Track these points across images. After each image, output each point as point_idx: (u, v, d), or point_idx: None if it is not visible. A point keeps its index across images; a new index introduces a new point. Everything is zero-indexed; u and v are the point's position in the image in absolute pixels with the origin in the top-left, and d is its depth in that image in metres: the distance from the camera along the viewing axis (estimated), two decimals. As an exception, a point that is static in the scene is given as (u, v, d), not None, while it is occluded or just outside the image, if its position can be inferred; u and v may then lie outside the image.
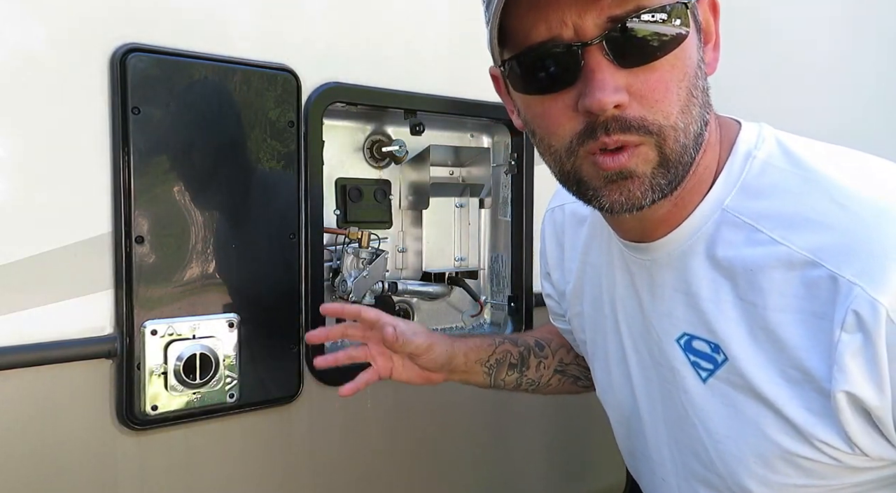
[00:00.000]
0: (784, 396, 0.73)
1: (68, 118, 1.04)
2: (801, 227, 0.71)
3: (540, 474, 1.63)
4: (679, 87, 0.70)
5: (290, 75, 1.21)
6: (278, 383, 1.24)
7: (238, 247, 1.18)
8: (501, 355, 1.12)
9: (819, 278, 0.69)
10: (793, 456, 0.74)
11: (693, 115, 0.71)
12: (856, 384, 0.67)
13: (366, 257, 1.36)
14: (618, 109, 0.68)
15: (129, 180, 1.07)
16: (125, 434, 1.10)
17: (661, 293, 0.84)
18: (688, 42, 0.70)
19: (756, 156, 0.77)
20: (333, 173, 1.38)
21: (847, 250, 0.68)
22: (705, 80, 0.74)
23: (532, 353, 1.15)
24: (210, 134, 1.14)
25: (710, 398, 0.80)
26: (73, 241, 1.04)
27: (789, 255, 0.71)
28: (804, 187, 0.73)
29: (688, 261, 0.80)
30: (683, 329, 0.82)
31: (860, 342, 0.67)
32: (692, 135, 0.72)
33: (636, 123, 0.69)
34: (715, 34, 0.76)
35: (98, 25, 1.05)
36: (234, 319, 1.17)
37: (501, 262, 1.60)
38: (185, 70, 1.11)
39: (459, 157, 1.58)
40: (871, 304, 0.65)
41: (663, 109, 0.69)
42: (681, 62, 0.70)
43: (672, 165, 0.71)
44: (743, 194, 0.76)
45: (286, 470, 1.26)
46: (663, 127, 0.70)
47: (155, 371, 1.10)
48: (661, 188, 0.72)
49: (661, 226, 0.81)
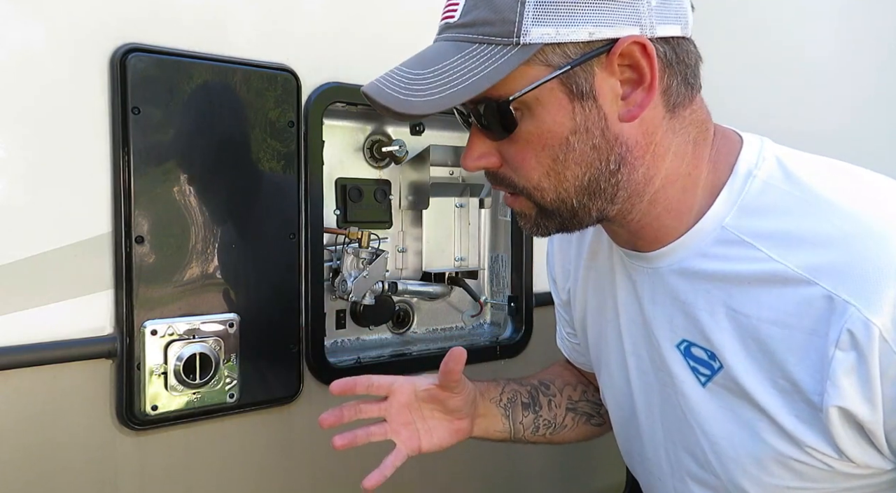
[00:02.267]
0: (775, 404, 0.76)
1: (68, 118, 1.04)
2: (798, 247, 0.74)
3: (540, 473, 1.63)
4: (539, 156, 0.76)
5: (290, 75, 1.21)
6: (278, 383, 1.24)
7: (238, 247, 1.18)
8: (511, 394, 1.11)
9: (813, 295, 0.72)
10: (785, 459, 0.77)
11: (565, 175, 0.77)
12: (849, 400, 0.70)
13: (366, 257, 1.36)
14: (490, 168, 0.80)
15: (129, 180, 1.07)
16: (125, 434, 1.10)
17: (662, 301, 0.86)
18: (543, 118, 0.74)
19: (756, 175, 0.79)
20: (333, 173, 1.38)
21: (843, 271, 0.71)
22: (602, 135, 0.75)
23: (540, 392, 1.15)
24: (210, 134, 1.14)
25: (709, 402, 0.83)
26: (73, 241, 1.04)
27: (784, 272, 0.74)
28: (803, 208, 0.75)
29: (686, 273, 0.83)
30: (683, 336, 0.85)
31: (854, 360, 0.69)
32: (571, 189, 0.78)
33: (507, 181, 0.80)
34: (650, 75, 0.74)
35: (98, 25, 1.05)
36: (234, 319, 1.17)
37: (501, 262, 1.60)
38: (185, 70, 1.11)
39: (459, 157, 1.58)
40: (864, 324, 0.68)
41: (525, 174, 0.78)
42: (535, 137, 0.76)
43: (553, 213, 0.80)
44: (742, 213, 0.79)
45: (286, 470, 1.26)
46: (527, 188, 0.79)
47: (155, 371, 1.10)
48: (550, 228, 0.82)
49: (655, 242, 0.84)
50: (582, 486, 1.71)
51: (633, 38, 0.72)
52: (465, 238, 1.61)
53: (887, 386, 0.69)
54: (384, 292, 1.41)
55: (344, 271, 1.34)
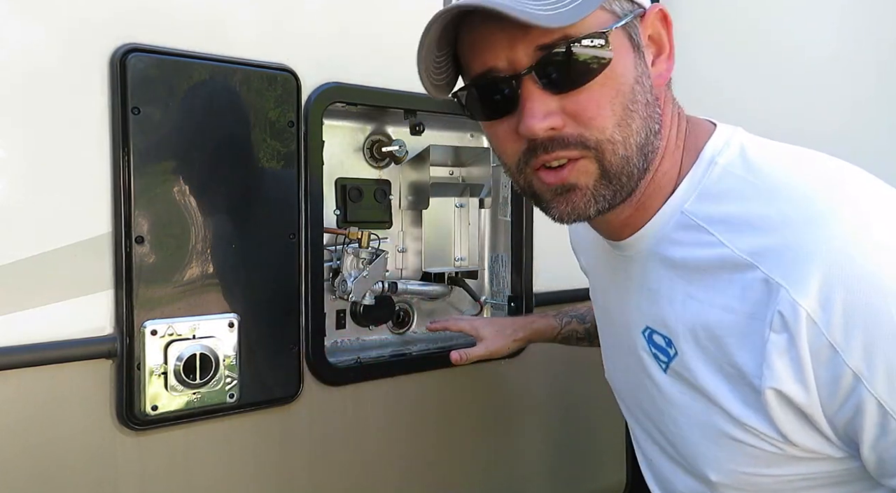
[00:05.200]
0: (722, 390, 0.77)
1: (68, 118, 1.04)
2: (744, 231, 0.75)
3: (540, 474, 1.63)
4: (613, 103, 0.74)
5: (290, 75, 1.21)
6: (278, 383, 1.24)
7: (238, 247, 1.18)
8: (568, 333, 1.28)
9: (754, 279, 0.73)
10: (738, 444, 0.78)
11: (633, 128, 0.75)
12: (783, 382, 0.71)
13: (366, 257, 1.36)
14: (554, 131, 0.74)
15: (129, 180, 1.07)
16: (125, 434, 1.10)
17: (633, 287, 0.89)
18: (617, 63, 0.74)
19: (718, 162, 0.80)
20: (333, 173, 1.38)
21: (778, 253, 0.71)
22: (650, 92, 0.77)
23: (590, 332, 1.28)
24: (210, 134, 1.14)
25: (671, 387, 0.85)
26: (73, 241, 1.04)
27: (732, 257, 0.75)
28: (753, 193, 0.76)
29: (650, 260, 0.85)
30: (647, 323, 0.88)
31: (785, 342, 0.70)
32: (634, 146, 0.76)
33: (574, 139, 0.74)
34: (668, 45, 0.80)
35: (98, 25, 1.05)
36: (234, 319, 1.17)
37: (501, 262, 1.60)
38: (185, 70, 1.11)
39: (459, 157, 1.58)
40: (792, 305, 0.69)
41: (598, 125, 0.74)
42: (612, 81, 0.74)
43: (614, 176, 0.76)
44: (701, 199, 0.80)
45: (286, 470, 1.26)
46: (600, 141, 0.74)
47: (155, 371, 1.10)
48: (605, 199, 0.77)
49: (626, 228, 0.86)
50: (582, 486, 1.71)
51: (658, 6, 0.75)
52: (465, 238, 1.61)
53: (820, 369, 0.69)
54: (384, 292, 1.41)
55: (344, 271, 1.34)
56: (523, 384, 1.58)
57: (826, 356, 0.68)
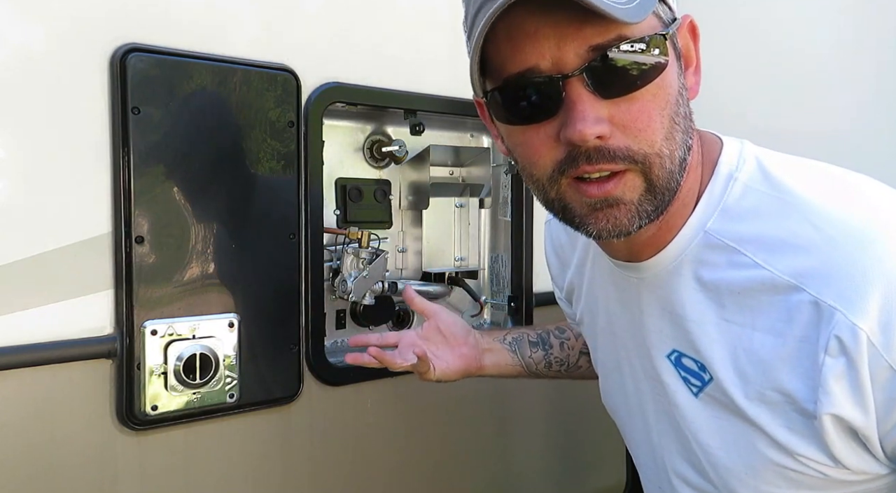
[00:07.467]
0: (765, 417, 0.75)
1: (68, 118, 1.04)
2: (782, 251, 0.73)
3: (540, 474, 1.63)
4: (662, 115, 0.70)
5: (290, 75, 1.21)
6: (278, 383, 1.24)
7: (238, 247, 1.18)
8: (518, 335, 1.19)
9: (801, 302, 0.70)
10: (780, 468, 0.76)
11: (677, 141, 0.72)
12: (841, 407, 0.69)
13: (366, 257, 1.36)
14: (600, 140, 0.68)
15: (129, 181, 1.07)
16: (125, 434, 1.10)
17: (651, 311, 0.85)
18: (668, 71, 0.71)
19: (737, 178, 0.78)
20: (333, 173, 1.38)
21: (826, 275, 0.69)
22: (687, 105, 0.75)
23: (552, 335, 1.20)
24: (210, 134, 1.14)
25: (702, 412, 0.82)
26: (73, 241, 1.04)
27: (773, 279, 0.72)
28: (782, 210, 0.74)
29: (673, 282, 0.81)
30: (673, 346, 0.84)
31: (844, 366, 0.68)
32: (677, 160, 0.72)
33: (621, 152, 0.69)
34: (696, 58, 0.77)
35: (98, 25, 1.05)
36: (234, 319, 1.17)
37: (501, 262, 1.60)
38: (185, 70, 1.11)
39: (459, 157, 1.58)
40: (851, 329, 0.67)
41: (647, 138, 0.70)
42: (662, 91, 0.70)
43: (659, 192, 0.72)
44: (724, 217, 0.77)
45: (286, 470, 1.26)
46: (648, 155, 0.70)
47: (155, 371, 1.10)
48: (648, 214, 0.73)
49: (647, 248, 0.82)
50: (582, 486, 1.71)
51: (689, 16, 0.72)
52: (465, 238, 1.61)
53: (878, 391, 0.68)
54: (384, 291, 1.41)
55: (344, 271, 1.34)
56: (523, 384, 1.58)
57: (885, 378, 0.67)
